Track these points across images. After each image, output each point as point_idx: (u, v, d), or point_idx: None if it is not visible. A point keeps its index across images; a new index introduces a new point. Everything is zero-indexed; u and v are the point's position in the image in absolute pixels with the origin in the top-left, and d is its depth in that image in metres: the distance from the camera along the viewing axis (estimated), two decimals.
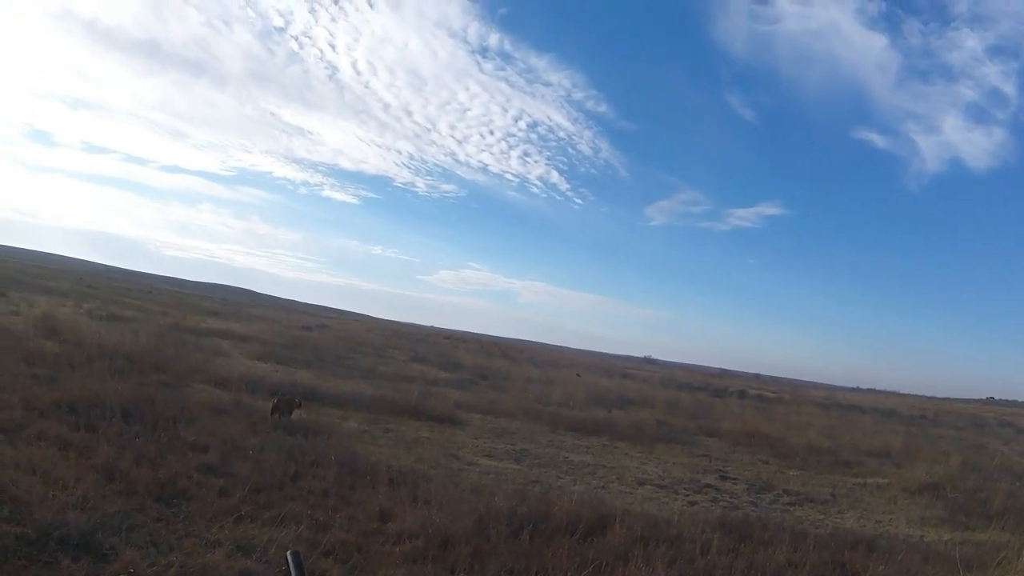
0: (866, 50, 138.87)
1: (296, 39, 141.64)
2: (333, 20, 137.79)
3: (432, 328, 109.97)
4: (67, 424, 10.41)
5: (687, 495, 13.86)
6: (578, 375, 43.12)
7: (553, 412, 22.67)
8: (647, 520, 9.99)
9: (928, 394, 79.72)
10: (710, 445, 21.32)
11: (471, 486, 11.20)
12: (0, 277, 43.09)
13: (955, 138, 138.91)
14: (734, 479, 16.13)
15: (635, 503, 12.21)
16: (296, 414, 14.44)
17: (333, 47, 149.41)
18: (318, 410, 16.55)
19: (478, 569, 7.24)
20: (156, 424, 11.31)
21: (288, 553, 2.35)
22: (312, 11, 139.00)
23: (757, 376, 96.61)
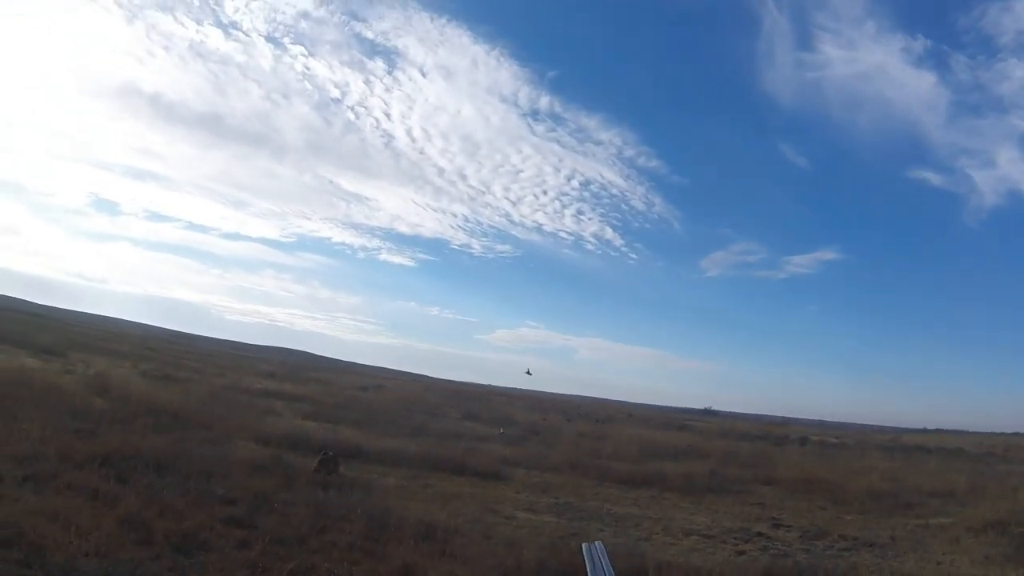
0: (915, 89, 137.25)
1: (352, 109, 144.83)
2: (388, 90, 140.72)
3: (489, 387, 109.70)
4: (98, 475, 10.43)
5: (735, 544, 13.27)
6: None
7: (602, 465, 22.08)
8: (687, 571, 9.54)
9: (998, 430, 76.94)
10: (765, 493, 20.54)
11: (504, 540, 10.83)
12: (63, 340, 43.86)
13: (1011, 170, 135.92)
14: (788, 527, 15.44)
15: (679, 555, 11.66)
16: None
17: (388, 116, 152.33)
18: (359, 467, 16.36)
19: None
20: (188, 478, 11.28)
21: None
22: (367, 82, 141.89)
23: (821, 423, 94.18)
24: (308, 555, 8.52)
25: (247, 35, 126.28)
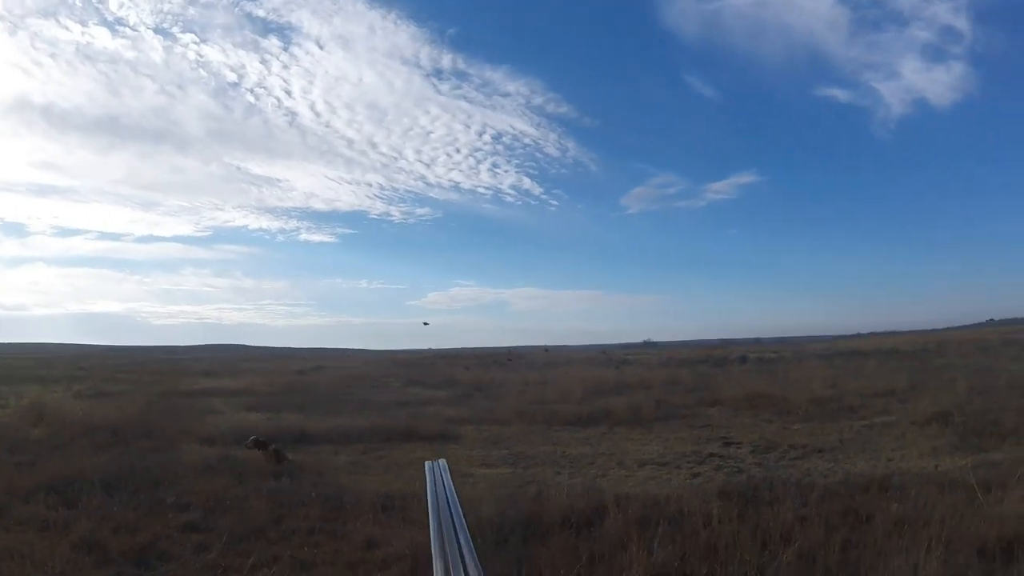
0: (814, 10, 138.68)
1: (251, 91, 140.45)
2: (286, 67, 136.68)
3: (430, 351, 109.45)
4: (46, 505, 10.11)
5: (690, 468, 13.47)
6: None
7: (549, 410, 22.19)
8: (646, 501, 9.59)
9: (929, 328, 79.67)
10: (712, 415, 20.91)
11: (463, 499, 10.75)
12: None
13: (915, 80, 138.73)
14: (738, 444, 15.75)
15: (635, 486, 11.79)
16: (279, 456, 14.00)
17: (289, 93, 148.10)
18: (307, 450, 16.12)
19: None
20: (138, 490, 11.07)
21: None
22: (264, 61, 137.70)
23: (758, 341, 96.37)
24: (268, 547, 8.40)
25: (134, 30, 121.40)
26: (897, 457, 13.53)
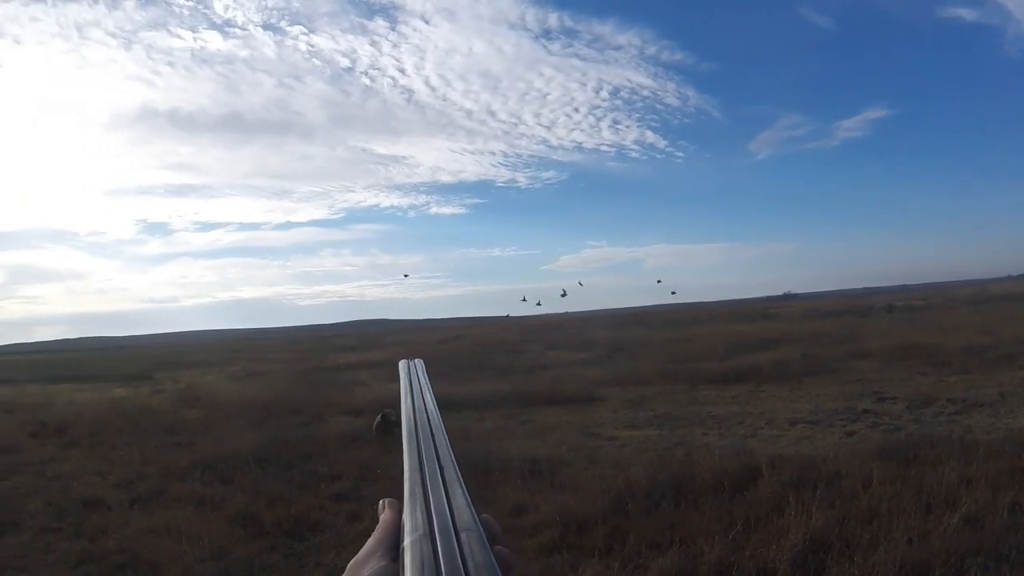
0: None
1: (366, 74, 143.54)
2: (395, 46, 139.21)
3: (566, 314, 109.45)
4: (202, 482, 10.59)
5: (844, 426, 13.02)
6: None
7: (693, 368, 21.92)
8: (800, 462, 9.31)
9: None
10: (862, 368, 20.19)
11: (610, 462, 10.78)
12: (148, 364, 45.12)
13: None
14: (892, 399, 15.13)
15: (787, 446, 11.48)
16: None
17: (403, 71, 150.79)
18: (453, 417, 16.40)
19: (617, 549, 6.82)
20: (290, 464, 11.45)
21: None
22: (373, 43, 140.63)
23: (903, 288, 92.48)
24: None
25: (244, 29, 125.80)
26: None
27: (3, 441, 15.15)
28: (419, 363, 1.34)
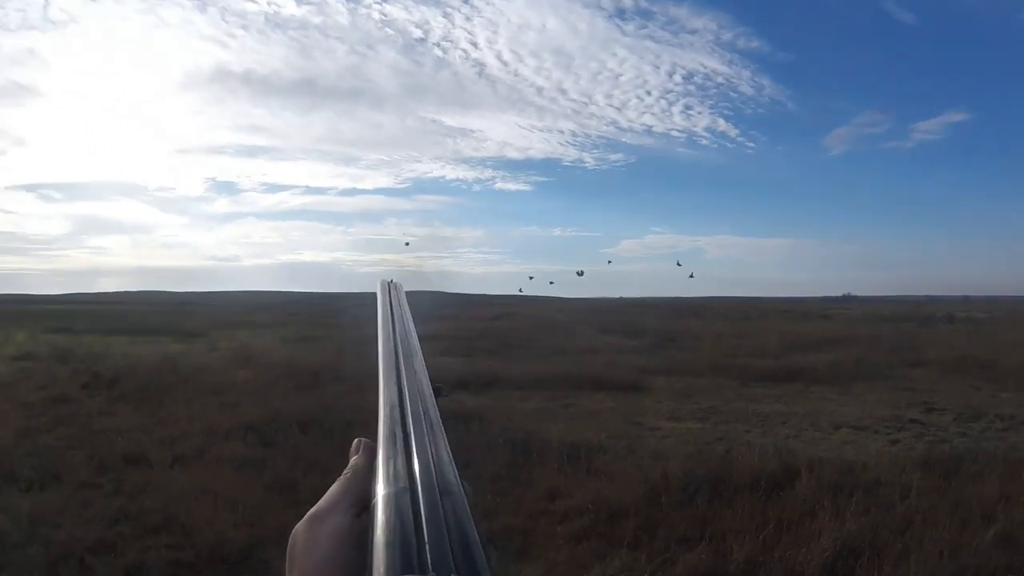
0: None
1: (438, 46, 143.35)
2: (468, 19, 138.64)
3: (621, 299, 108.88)
4: (244, 444, 10.75)
5: (888, 434, 12.90)
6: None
7: (744, 364, 21.79)
8: (840, 467, 9.28)
9: None
10: (915, 377, 19.88)
11: (649, 453, 10.82)
12: (206, 322, 45.82)
13: None
14: (941, 410, 14.92)
15: (829, 449, 11.42)
16: (473, 402, 14.48)
17: (475, 45, 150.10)
18: (499, 394, 16.57)
19: (646, 541, 6.90)
20: (331, 432, 11.50)
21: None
22: (446, 15, 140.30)
23: (966, 299, 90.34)
24: None
25: None
26: None
27: (54, 391, 15.48)
28: (400, 285, 1.28)
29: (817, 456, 10.00)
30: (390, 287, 1.23)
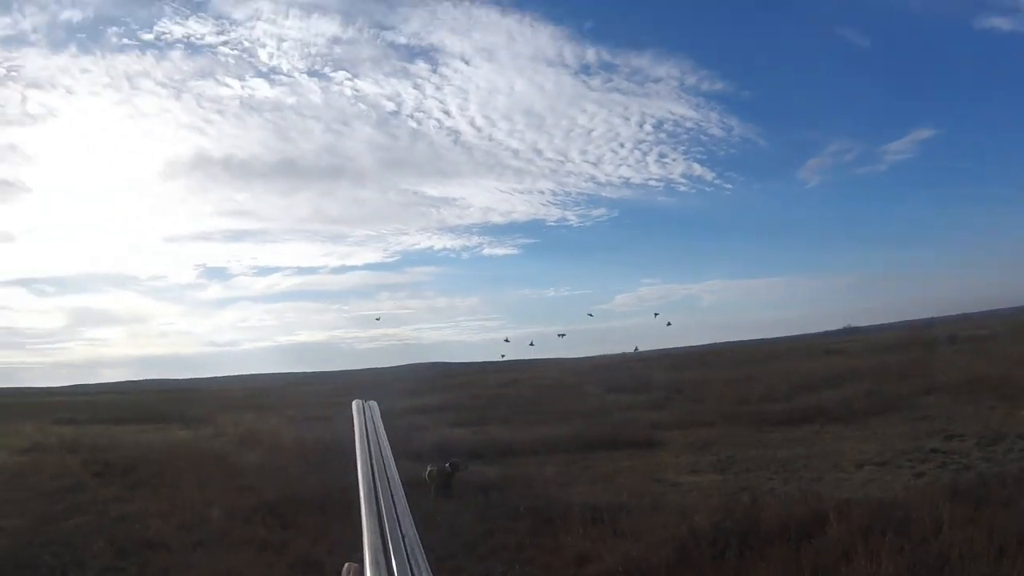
0: None
1: (412, 117, 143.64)
2: (438, 88, 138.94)
3: (623, 354, 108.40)
4: (264, 526, 10.72)
5: (912, 467, 12.79)
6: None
7: (755, 410, 21.69)
8: (868, 507, 9.18)
9: None
10: (929, 404, 19.80)
11: (674, 509, 10.70)
12: (210, 407, 45.60)
13: None
14: (961, 436, 14.82)
15: (855, 489, 11.31)
16: (491, 471, 14.33)
17: (448, 113, 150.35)
18: (515, 462, 16.43)
19: None
20: (350, 509, 11.37)
21: None
22: (416, 86, 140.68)
23: (965, 316, 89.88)
24: (478, 562, 8.59)
25: (289, 76, 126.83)
26: None
27: (67, 480, 15.35)
28: (374, 405, 1.39)
29: (843, 498, 9.90)
30: (365, 407, 1.33)
